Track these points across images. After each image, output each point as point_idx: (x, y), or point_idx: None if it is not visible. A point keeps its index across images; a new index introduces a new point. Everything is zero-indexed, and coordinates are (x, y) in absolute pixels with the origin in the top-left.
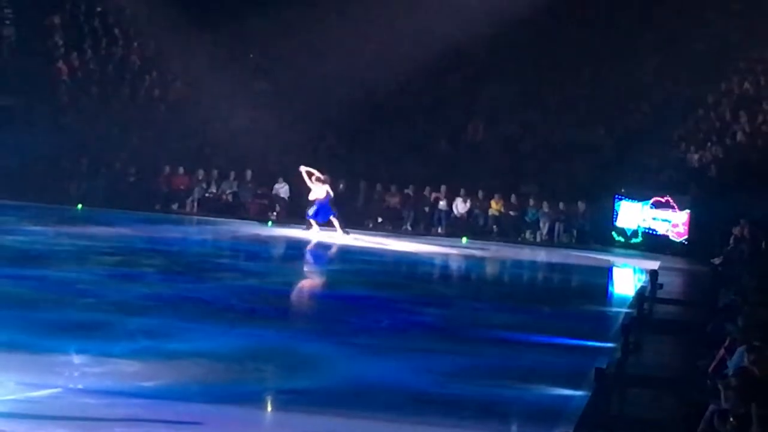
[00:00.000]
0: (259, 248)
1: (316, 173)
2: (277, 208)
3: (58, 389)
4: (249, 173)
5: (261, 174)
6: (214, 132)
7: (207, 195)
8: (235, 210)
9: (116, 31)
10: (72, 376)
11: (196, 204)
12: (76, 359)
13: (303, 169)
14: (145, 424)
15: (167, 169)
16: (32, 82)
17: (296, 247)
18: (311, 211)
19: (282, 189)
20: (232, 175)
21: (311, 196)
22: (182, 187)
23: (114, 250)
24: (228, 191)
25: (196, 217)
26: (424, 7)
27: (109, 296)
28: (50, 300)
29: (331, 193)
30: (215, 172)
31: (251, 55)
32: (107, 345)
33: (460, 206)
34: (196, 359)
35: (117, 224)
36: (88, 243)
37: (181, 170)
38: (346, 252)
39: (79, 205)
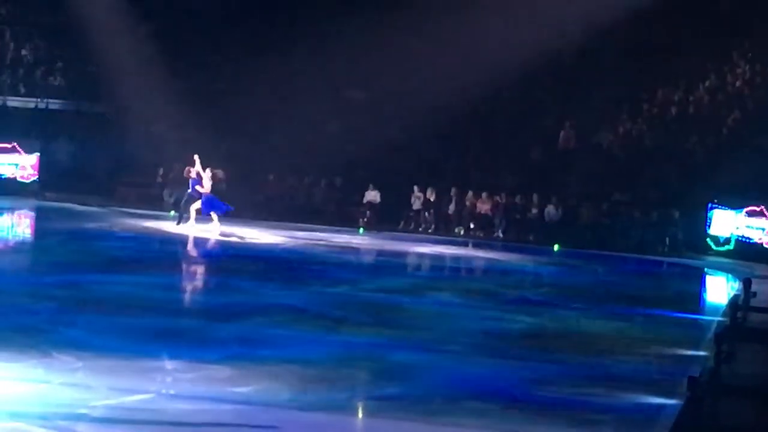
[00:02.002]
0: (351, 255)
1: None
2: (368, 215)
3: (151, 395)
4: (339, 180)
5: (352, 181)
6: (306, 139)
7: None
8: (326, 216)
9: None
10: (164, 381)
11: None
12: (169, 365)
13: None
14: (237, 430)
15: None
16: (128, 89)
17: (387, 255)
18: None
19: (373, 195)
20: (323, 182)
21: (201, 189)
22: (272, 193)
23: (208, 256)
24: (318, 198)
25: (287, 224)
26: (516, 15)
27: (202, 302)
28: (143, 305)
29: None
30: (306, 179)
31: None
32: (199, 351)
33: (552, 213)
34: (288, 365)
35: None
36: (179, 249)
37: (271, 177)
38: (438, 258)
39: (171, 212)
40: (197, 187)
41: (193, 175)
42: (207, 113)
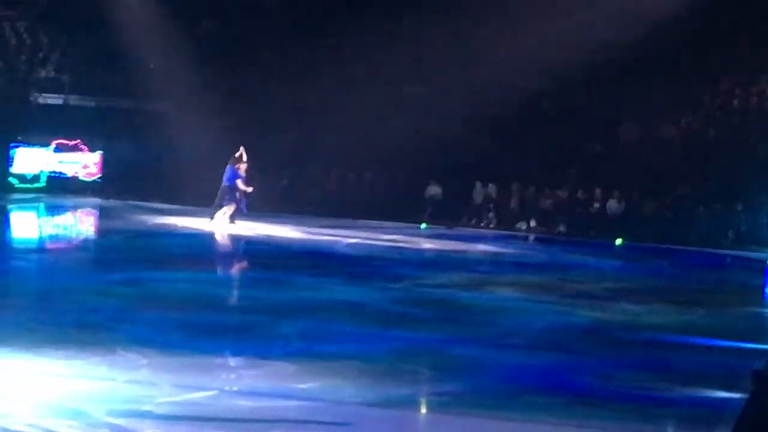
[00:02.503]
0: (412, 251)
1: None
2: (429, 210)
3: (214, 391)
4: (400, 175)
5: (413, 176)
6: (367, 135)
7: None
8: (387, 212)
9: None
10: (228, 378)
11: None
12: (232, 361)
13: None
14: (300, 426)
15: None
16: (184, 88)
17: (448, 250)
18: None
19: (435, 191)
20: (384, 177)
21: (241, 185)
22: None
23: (268, 252)
24: (379, 193)
25: (348, 220)
26: (576, 10)
27: (264, 299)
28: (205, 302)
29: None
30: (368, 175)
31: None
32: (262, 347)
33: (614, 208)
34: (351, 361)
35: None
36: (238, 246)
37: (332, 173)
38: (499, 254)
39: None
40: (238, 182)
41: (242, 169)
42: (264, 110)
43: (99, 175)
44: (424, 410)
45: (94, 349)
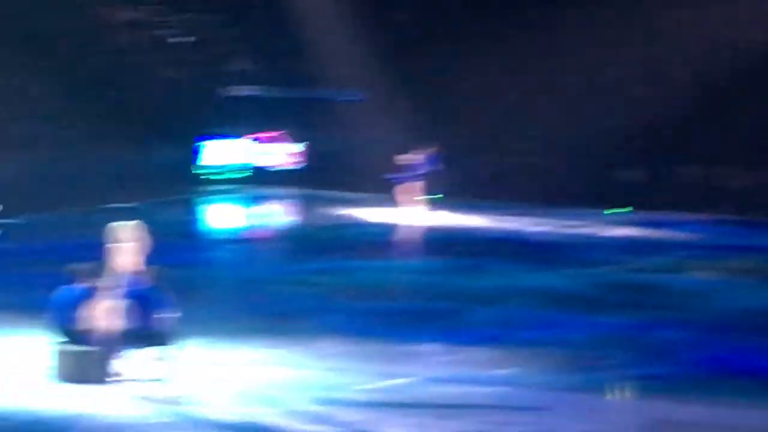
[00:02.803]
0: (607, 234)
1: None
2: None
3: (412, 378)
4: (594, 160)
5: (609, 160)
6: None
7: None
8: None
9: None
10: (425, 364)
11: None
12: (428, 348)
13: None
14: (499, 412)
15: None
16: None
17: (645, 234)
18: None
19: (630, 174)
20: (576, 162)
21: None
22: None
23: (462, 240)
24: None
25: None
26: None
27: (457, 285)
28: (401, 290)
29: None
30: (560, 161)
31: None
32: (457, 334)
33: None
34: (547, 347)
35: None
36: (435, 234)
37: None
38: (699, 236)
39: (438, 195)
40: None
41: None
42: (458, 98)
43: (298, 166)
44: (626, 395)
45: (293, 338)
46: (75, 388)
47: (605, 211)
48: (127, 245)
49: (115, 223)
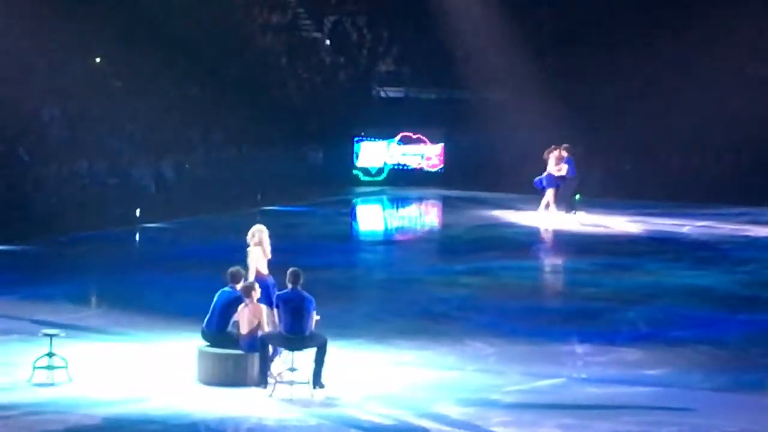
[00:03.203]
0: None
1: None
2: None
3: (562, 379)
4: (745, 157)
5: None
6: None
7: None
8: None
9: None
10: (575, 365)
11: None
12: (579, 348)
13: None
14: (650, 412)
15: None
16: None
17: None
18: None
19: None
20: (727, 159)
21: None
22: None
23: (613, 239)
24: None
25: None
26: None
27: (610, 285)
28: (550, 290)
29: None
30: (709, 158)
31: None
32: (609, 334)
33: None
34: (699, 346)
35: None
36: (584, 233)
37: (674, 157)
38: None
39: (577, 195)
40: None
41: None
42: (603, 97)
43: (441, 167)
44: None
45: (442, 339)
46: (225, 392)
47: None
48: (256, 248)
49: (255, 227)
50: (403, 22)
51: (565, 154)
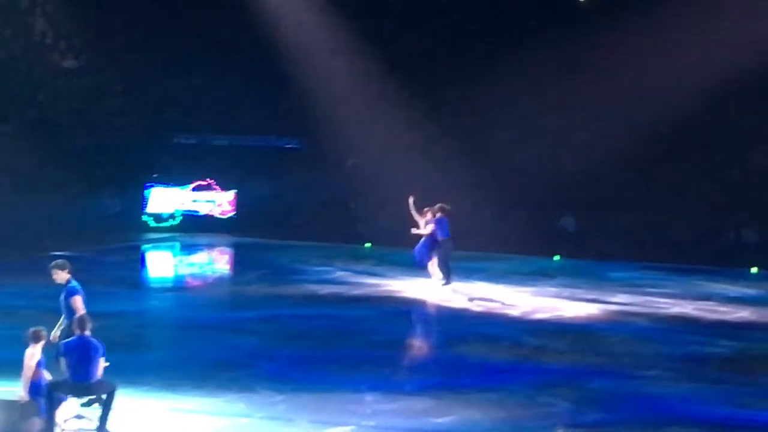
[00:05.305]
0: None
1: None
2: (564, 243)
3: (351, 427)
4: (531, 208)
5: (546, 209)
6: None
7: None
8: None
9: None
10: (364, 413)
11: None
12: (368, 396)
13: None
14: None
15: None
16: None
17: (582, 281)
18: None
19: (569, 222)
20: (513, 211)
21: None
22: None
23: (403, 287)
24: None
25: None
26: (707, 37)
27: (399, 333)
28: (341, 338)
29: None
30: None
31: None
32: (398, 382)
33: (748, 235)
34: (487, 394)
35: (405, 263)
36: (376, 281)
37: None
38: (633, 284)
39: (367, 244)
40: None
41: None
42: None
43: (233, 213)
44: None
45: (231, 386)
46: None
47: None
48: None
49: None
50: (198, 68)
51: (439, 214)
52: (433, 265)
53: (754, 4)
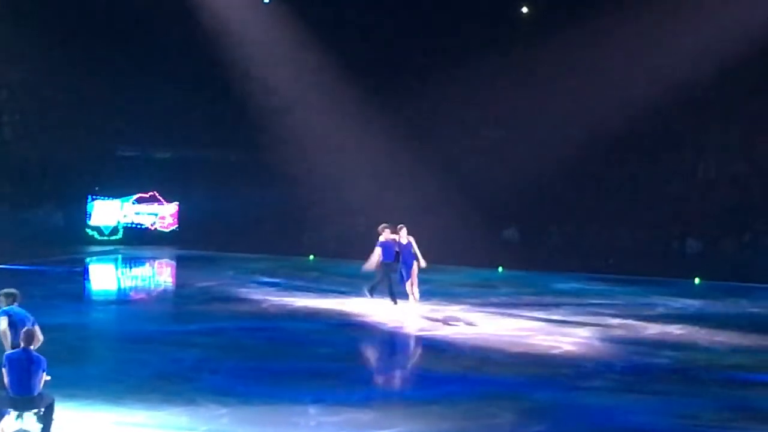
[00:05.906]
0: (492, 295)
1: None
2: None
3: None
4: (475, 218)
5: (488, 219)
6: (442, 178)
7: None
8: (460, 254)
9: None
10: (308, 425)
11: None
12: (312, 409)
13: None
14: None
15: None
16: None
17: (527, 292)
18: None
19: (511, 233)
20: (460, 220)
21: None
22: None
23: (348, 300)
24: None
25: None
26: (651, 49)
27: (343, 345)
28: (285, 351)
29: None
30: (442, 219)
31: None
32: (343, 394)
33: (692, 246)
34: (431, 406)
35: (356, 275)
36: (321, 294)
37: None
38: (575, 295)
39: (311, 256)
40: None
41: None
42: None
43: (175, 226)
44: None
45: (174, 399)
46: None
47: (498, 269)
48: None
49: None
50: (140, 81)
51: (392, 236)
52: (410, 285)
53: (699, 15)
